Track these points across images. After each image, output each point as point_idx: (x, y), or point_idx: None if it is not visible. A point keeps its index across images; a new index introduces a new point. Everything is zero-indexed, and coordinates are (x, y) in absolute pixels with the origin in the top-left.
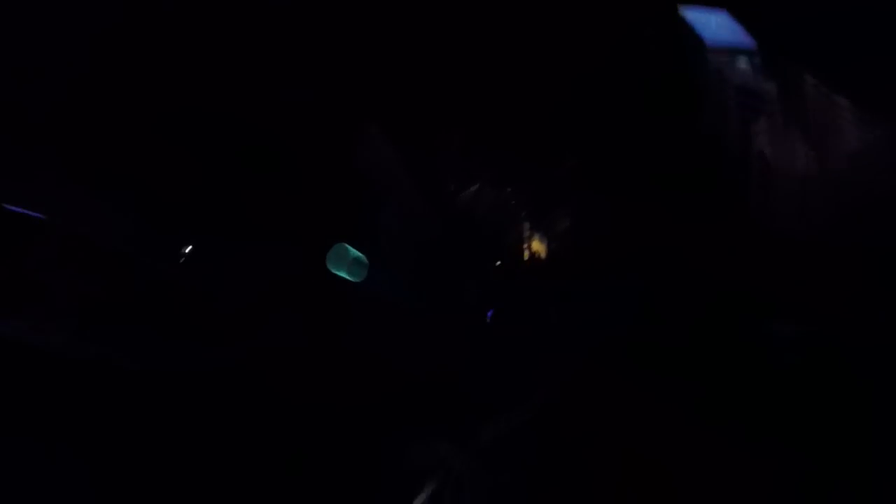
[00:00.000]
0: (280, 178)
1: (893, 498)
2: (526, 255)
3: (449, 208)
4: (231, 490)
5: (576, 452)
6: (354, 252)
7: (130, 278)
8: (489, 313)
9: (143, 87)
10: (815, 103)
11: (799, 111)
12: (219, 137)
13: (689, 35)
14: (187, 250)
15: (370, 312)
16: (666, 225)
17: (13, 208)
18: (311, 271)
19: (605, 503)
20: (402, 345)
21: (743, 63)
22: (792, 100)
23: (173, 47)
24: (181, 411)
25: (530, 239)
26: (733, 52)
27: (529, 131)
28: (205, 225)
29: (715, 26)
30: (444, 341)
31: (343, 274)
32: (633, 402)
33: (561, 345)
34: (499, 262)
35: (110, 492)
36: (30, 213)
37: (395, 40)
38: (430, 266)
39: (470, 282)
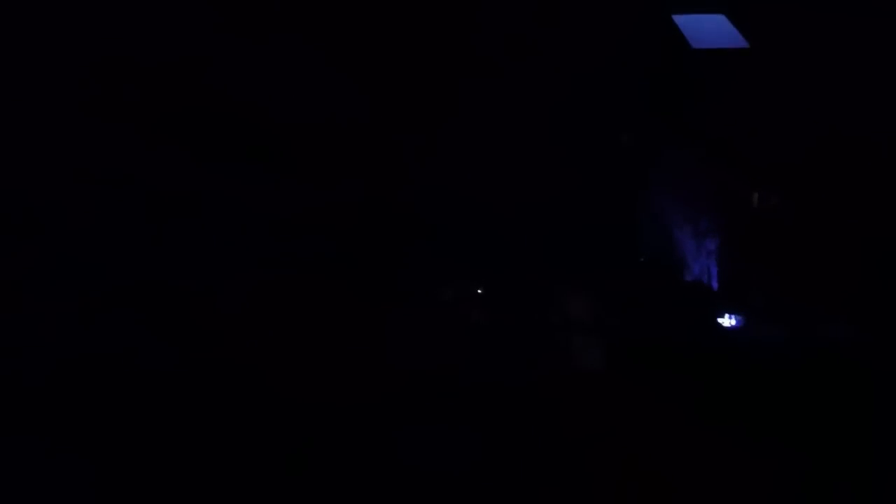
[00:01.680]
0: (283, 173)
1: (894, 498)
2: None
3: None
4: (231, 490)
5: (576, 452)
6: None
7: (130, 276)
8: None
9: (143, 86)
10: None
11: None
12: (224, 134)
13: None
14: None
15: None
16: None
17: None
18: (313, 271)
19: (605, 503)
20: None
21: None
22: None
23: (173, 46)
24: (181, 411)
25: None
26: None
27: None
28: (206, 223)
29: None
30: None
31: None
32: (633, 402)
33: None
34: None
35: (109, 491)
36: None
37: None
38: None
39: None
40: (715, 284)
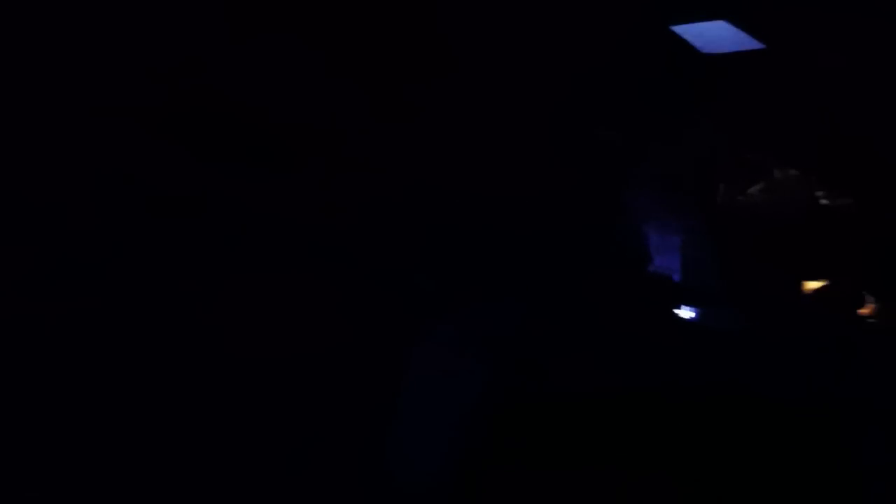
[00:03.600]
0: (286, 173)
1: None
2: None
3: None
4: (231, 490)
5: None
6: None
7: (130, 276)
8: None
9: (144, 86)
10: None
11: None
12: (224, 134)
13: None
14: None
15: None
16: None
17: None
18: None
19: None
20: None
21: None
22: None
23: (173, 45)
24: (181, 411)
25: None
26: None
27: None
28: (206, 223)
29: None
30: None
31: None
32: (631, 401)
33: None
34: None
35: (110, 491)
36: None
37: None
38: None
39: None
40: (677, 278)
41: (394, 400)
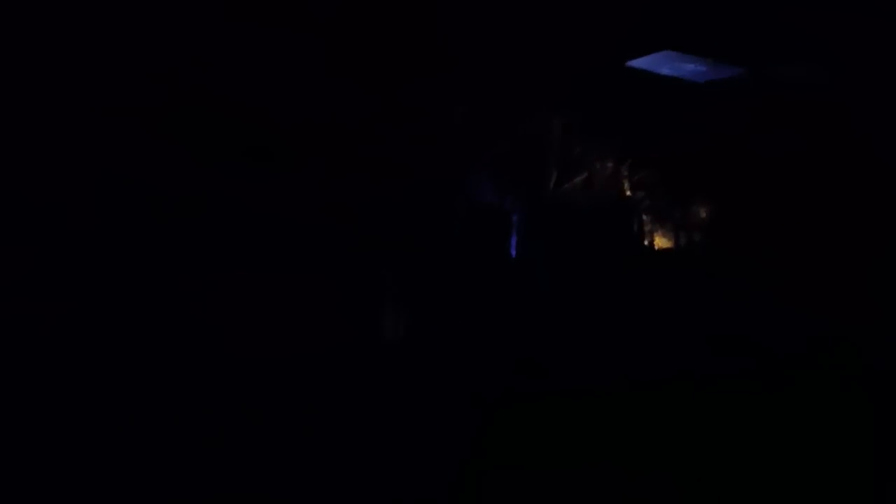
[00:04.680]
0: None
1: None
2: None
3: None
4: (231, 489)
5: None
6: None
7: (130, 276)
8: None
9: (144, 86)
10: None
11: None
12: (225, 135)
13: None
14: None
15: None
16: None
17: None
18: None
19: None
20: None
21: None
22: None
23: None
24: (180, 412)
25: (653, 232)
26: None
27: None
28: (206, 223)
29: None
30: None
31: None
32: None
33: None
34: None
35: (109, 489)
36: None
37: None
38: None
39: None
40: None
41: (393, 400)
